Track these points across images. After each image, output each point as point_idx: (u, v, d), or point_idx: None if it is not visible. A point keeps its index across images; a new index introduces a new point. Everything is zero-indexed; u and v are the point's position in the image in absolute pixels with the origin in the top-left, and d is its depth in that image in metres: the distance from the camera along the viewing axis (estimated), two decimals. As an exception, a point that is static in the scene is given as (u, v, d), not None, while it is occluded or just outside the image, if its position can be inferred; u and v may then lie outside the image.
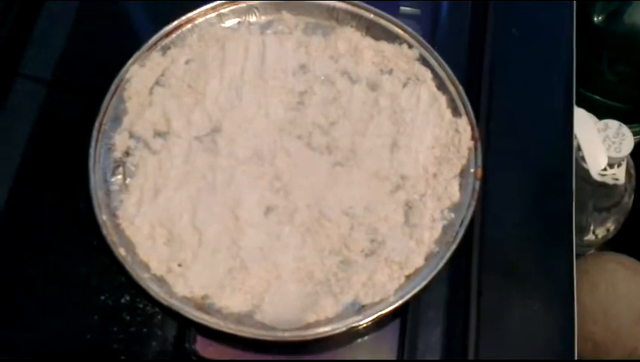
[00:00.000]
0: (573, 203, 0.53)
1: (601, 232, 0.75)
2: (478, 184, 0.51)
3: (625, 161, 0.69)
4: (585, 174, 0.67)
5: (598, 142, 0.67)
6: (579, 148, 0.66)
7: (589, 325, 0.67)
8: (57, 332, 0.48)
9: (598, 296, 0.68)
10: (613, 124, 0.67)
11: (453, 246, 0.49)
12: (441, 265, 0.48)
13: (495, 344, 0.48)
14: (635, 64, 0.75)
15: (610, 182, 0.68)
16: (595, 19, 0.75)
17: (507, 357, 0.48)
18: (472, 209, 0.50)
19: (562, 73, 0.59)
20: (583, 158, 0.66)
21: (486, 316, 0.49)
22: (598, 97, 0.79)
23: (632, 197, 0.74)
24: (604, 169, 0.67)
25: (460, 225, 0.50)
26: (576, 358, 0.48)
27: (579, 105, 0.69)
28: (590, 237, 0.75)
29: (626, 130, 0.67)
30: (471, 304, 0.49)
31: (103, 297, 0.49)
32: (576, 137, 0.66)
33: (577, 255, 0.74)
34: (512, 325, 0.49)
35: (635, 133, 0.71)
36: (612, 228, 0.75)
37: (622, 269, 0.69)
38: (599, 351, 0.68)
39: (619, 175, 0.68)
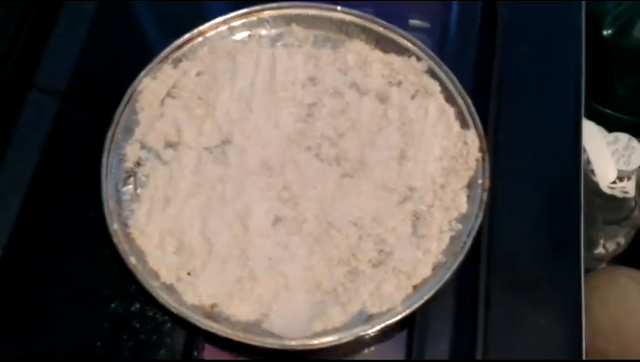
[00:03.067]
0: (582, 215, 0.53)
1: (611, 246, 0.74)
2: (485, 195, 0.52)
3: (635, 174, 0.69)
4: (595, 187, 0.67)
5: (607, 156, 0.67)
6: (588, 162, 0.66)
7: (600, 340, 0.67)
8: (69, 339, 0.49)
9: (609, 310, 0.68)
10: (622, 137, 0.68)
11: (461, 257, 0.49)
12: (448, 275, 0.49)
13: (502, 356, 0.48)
14: (645, 77, 0.76)
15: (620, 195, 0.68)
16: (605, 32, 0.75)
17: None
18: (479, 220, 0.51)
19: (571, 86, 0.59)
20: (592, 172, 0.66)
21: (493, 328, 0.49)
22: (608, 110, 0.79)
23: (643, 210, 0.74)
24: (614, 182, 0.67)
25: (468, 236, 0.50)
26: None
27: (589, 118, 0.69)
28: (600, 250, 0.74)
29: (635, 143, 0.67)
30: (478, 316, 0.49)
31: (113, 305, 0.49)
32: (585, 150, 0.66)
33: (588, 269, 0.74)
34: (519, 338, 0.49)
35: (644, 147, 0.71)
36: (622, 241, 0.75)
37: (633, 284, 0.69)
38: (610, 366, 0.67)
39: (628, 188, 0.68)
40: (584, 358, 0.48)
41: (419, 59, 0.57)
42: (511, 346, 0.49)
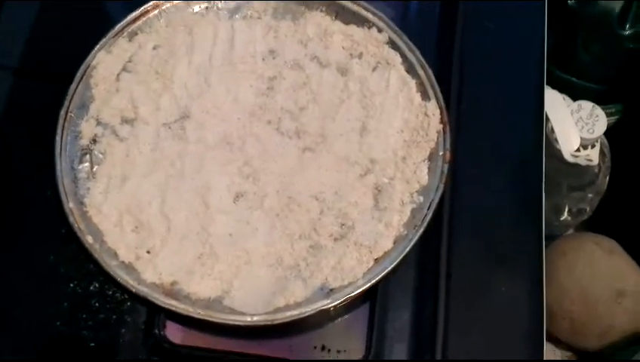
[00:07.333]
0: (543, 185, 0.54)
1: (576, 212, 0.75)
2: (446, 167, 0.52)
3: (599, 141, 0.69)
4: (559, 154, 0.67)
5: (571, 124, 0.67)
6: (552, 130, 0.66)
7: (567, 304, 0.68)
8: (27, 319, 0.48)
9: (576, 275, 0.69)
10: (586, 105, 0.68)
11: (422, 230, 0.49)
12: (409, 248, 0.49)
13: (464, 325, 0.49)
14: (609, 45, 0.75)
15: (584, 163, 0.68)
16: (569, 0, 0.75)
17: (476, 337, 0.48)
18: (440, 192, 0.51)
19: (533, 55, 0.59)
20: (556, 140, 0.67)
21: (454, 297, 0.49)
22: (573, 78, 0.79)
23: (607, 177, 0.74)
24: (578, 150, 0.67)
25: (429, 209, 0.50)
26: (545, 337, 0.49)
27: (554, 86, 0.69)
28: (566, 217, 0.75)
29: (599, 111, 0.68)
30: (440, 286, 0.49)
31: (72, 285, 0.49)
32: (549, 119, 0.66)
33: (554, 235, 0.75)
34: (480, 306, 0.50)
35: (609, 115, 0.72)
36: (587, 208, 0.76)
37: (598, 249, 0.70)
38: (576, 329, 0.69)
39: (592, 156, 0.69)
40: (545, 323, 0.49)
41: (379, 30, 0.57)
42: (472, 315, 0.49)
